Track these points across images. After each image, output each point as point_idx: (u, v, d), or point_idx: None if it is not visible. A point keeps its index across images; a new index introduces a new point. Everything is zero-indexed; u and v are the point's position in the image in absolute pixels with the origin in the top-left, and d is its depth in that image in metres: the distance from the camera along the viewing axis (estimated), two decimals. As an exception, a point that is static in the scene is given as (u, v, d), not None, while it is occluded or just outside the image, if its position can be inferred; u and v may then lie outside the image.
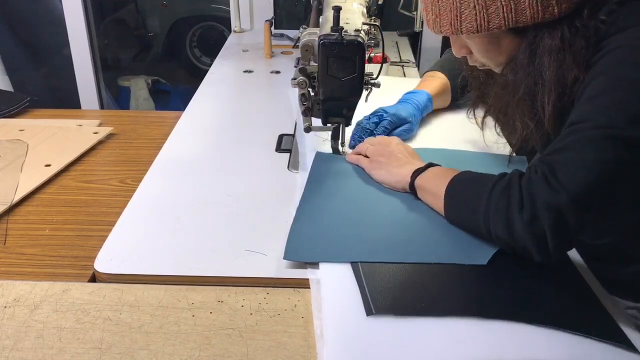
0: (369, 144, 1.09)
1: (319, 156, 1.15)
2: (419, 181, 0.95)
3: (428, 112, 1.31)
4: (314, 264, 0.84)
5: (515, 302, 0.78)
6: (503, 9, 0.81)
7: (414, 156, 1.05)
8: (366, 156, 1.08)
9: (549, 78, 0.83)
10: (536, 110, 0.86)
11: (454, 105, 1.35)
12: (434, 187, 0.92)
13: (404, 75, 1.76)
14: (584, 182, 0.73)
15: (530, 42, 0.84)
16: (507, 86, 0.89)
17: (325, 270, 0.83)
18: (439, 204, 0.90)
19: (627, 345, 0.72)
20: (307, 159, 1.15)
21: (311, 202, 0.99)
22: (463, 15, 0.84)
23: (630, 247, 0.93)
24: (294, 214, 0.95)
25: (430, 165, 0.97)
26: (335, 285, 0.80)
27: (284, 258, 0.85)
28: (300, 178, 1.08)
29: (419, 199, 0.96)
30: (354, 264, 0.83)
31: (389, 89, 1.31)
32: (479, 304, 0.77)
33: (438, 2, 0.86)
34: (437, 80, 1.32)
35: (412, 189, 0.97)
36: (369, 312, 0.74)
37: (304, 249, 0.87)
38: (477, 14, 0.83)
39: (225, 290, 0.81)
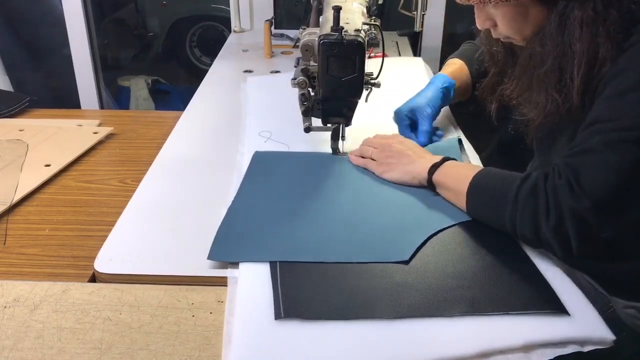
0: (372, 148, 1.08)
1: (257, 156, 1.15)
2: (436, 177, 0.95)
3: (450, 86, 1.21)
4: (235, 264, 0.83)
5: (436, 297, 0.75)
6: None
7: (420, 149, 1.05)
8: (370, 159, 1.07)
9: (580, 50, 0.81)
10: (564, 82, 0.84)
11: (454, 104, 1.33)
12: (454, 184, 0.92)
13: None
14: (607, 186, 0.74)
15: (560, 13, 0.82)
16: (533, 58, 0.88)
17: (245, 270, 0.81)
18: (460, 200, 0.90)
19: (557, 308, 0.71)
20: (244, 159, 1.15)
21: (243, 202, 0.98)
22: None
23: (627, 245, 0.92)
24: (223, 214, 0.94)
25: (445, 159, 0.97)
26: (251, 286, 0.78)
27: (208, 258, 0.84)
28: (236, 179, 1.07)
29: (437, 194, 0.96)
30: (272, 264, 0.81)
31: (389, 70, 1.26)
32: (396, 303, 0.74)
33: None
34: (457, 64, 1.27)
35: (430, 185, 0.97)
36: (277, 316, 0.72)
37: (228, 249, 0.85)
38: None
39: (225, 290, 0.80)
